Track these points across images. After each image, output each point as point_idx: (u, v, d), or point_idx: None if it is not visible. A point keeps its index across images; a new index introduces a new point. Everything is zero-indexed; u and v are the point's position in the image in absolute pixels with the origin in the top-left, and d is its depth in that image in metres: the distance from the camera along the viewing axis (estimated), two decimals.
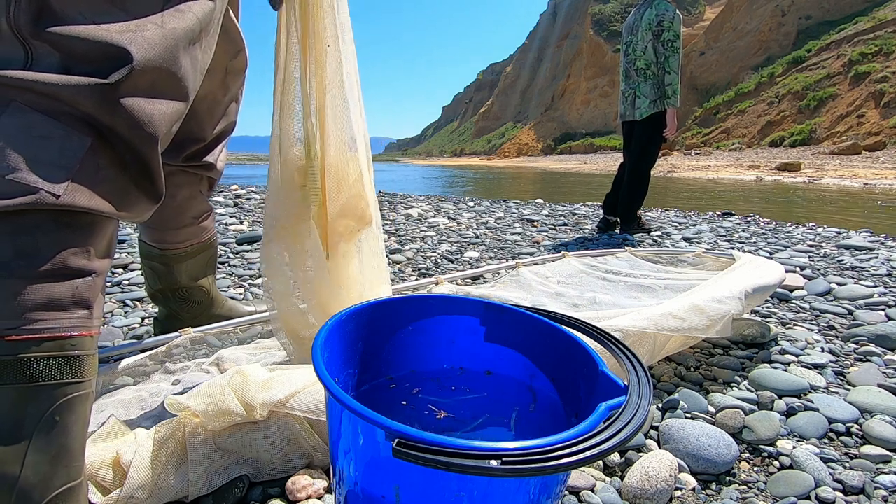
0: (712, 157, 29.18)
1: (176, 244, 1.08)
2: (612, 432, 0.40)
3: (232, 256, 2.20)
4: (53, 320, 0.47)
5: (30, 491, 0.45)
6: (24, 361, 0.45)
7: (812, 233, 3.32)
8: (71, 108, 0.48)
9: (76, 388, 0.49)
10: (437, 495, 0.42)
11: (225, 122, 1.01)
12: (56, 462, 0.47)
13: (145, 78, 0.52)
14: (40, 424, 0.46)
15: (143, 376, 0.98)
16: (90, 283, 0.51)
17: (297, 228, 0.87)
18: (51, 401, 0.47)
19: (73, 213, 0.48)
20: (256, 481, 0.71)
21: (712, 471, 0.79)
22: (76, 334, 0.49)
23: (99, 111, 0.49)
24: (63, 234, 0.48)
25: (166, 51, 0.54)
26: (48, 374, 0.47)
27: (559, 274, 1.73)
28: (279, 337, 0.94)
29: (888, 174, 13.10)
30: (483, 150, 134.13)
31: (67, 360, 0.48)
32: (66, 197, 0.47)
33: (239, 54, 0.94)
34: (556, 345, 0.62)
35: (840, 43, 43.40)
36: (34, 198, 0.45)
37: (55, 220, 0.47)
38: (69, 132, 0.48)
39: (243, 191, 5.15)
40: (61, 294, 0.48)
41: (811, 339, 1.34)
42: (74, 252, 0.49)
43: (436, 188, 10.97)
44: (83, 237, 0.50)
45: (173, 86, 0.56)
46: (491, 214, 4.00)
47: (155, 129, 0.54)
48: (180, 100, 0.58)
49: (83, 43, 0.48)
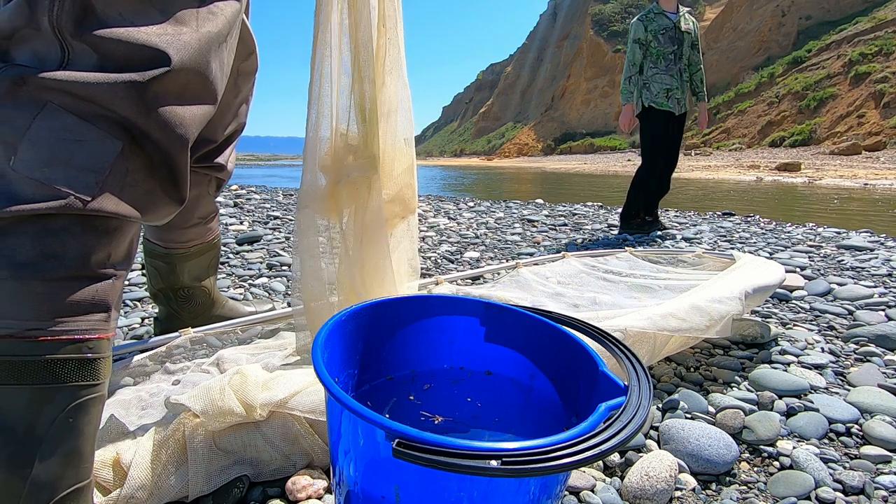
0: (712, 157, 29.19)
1: (181, 243, 1.08)
2: (612, 432, 0.40)
3: (232, 256, 2.20)
4: (74, 323, 0.47)
5: (40, 490, 0.46)
6: (45, 362, 0.45)
7: (812, 233, 3.32)
8: (106, 111, 0.47)
9: (90, 391, 0.49)
10: (437, 496, 0.42)
11: (235, 123, 1.01)
12: (67, 463, 0.48)
13: (179, 80, 0.52)
14: (54, 425, 0.46)
15: (143, 376, 0.98)
16: (110, 286, 0.51)
17: (334, 203, 0.89)
18: (66, 402, 0.47)
19: (100, 217, 0.48)
20: (256, 481, 0.71)
21: (712, 471, 0.79)
22: (94, 337, 0.49)
23: (133, 113, 0.49)
24: (88, 237, 0.48)
25: (200, 54, 0.54)
26: (65, 376, 0.47)
27: (559, 274, 1.73)
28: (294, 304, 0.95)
29: (888, 174, 13.10)
30: (483, 150, 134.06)
31: (84, 362, 0.48)
32: (95, 203, 0.47)
33: (250, 56, 0.94)
34: (556, 345, 0.62)
35: (840, 43, 43.40)
36: (63, 202, 0.45)
37: (81, 223, 0.47)
38: (102, 136, 0.48)
39: (243, 191, 5.16)
40: (83, 297, 0.48)
41: (811, 339, 1.34)
42: (97, 255, 0.49)
43: (436, 188, 10.97)
44: (106, 240, 0.50)
45: (204, 88, 0.57)
46: (491, 214, 4.00)
47: (186, 131, 0.54)
48: (210, 103, 0.58)
49: (122, 45, 0.48)
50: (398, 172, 0.93)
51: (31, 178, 0.44)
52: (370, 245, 0.89)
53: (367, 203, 0.88)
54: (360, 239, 0.89)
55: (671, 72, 3.12)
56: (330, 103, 0.84)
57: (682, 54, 3.14)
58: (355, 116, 0.85)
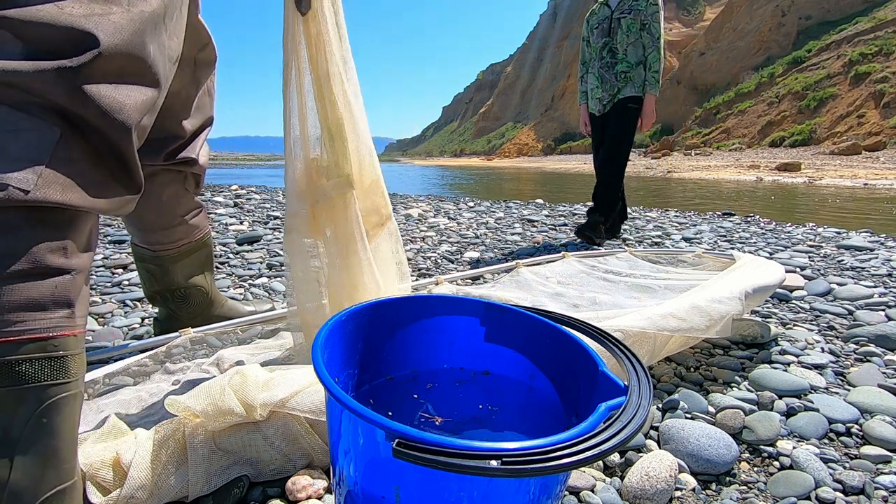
0: (712, 157, 29.17)
1: (168, 244, 1.07)
2: (612, 433, 0.40)
3: (232, 256, 2.20)
4: (33, 321, 0.46)
5: (20, 494, 0.45)
6: (7, 364, 0.44)
7: (812, 233, 3.32)
8: (38, 99, 0.46)
9: (62, 389, 0.48)
10: (437, 495, 0.42)
11: (201, 116, 1.00)
12: (45, 464, 0.47)
13: (114, 64, 0.50)
14: (27, 427, 0.45)
15: (143, 376, 0.98)
16: (70, 281, 0.49)
17: (315, 224, 0.95)
18: (37, 403, 0.46)
19: (47, 209, 0.47)
20: (256, 481, 0.71)
21: (712, 471, 0.79)
22: (58, 335, 0.48)
23: (67, 100, 0.47)
24: (37, 231, 0.46)
25: (134, 35, 0.52)
26: (32, 376, 0.46)
27: (559, 274, 1.73)
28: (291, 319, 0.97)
29: (888, 174, 13.10)
30: (483, 150, 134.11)
31: (51, 360, 0.47)
32: (37, 192, 0.45)
33: (206, 47, 0.94)
34: (556, 345, 0.62)
35: (840, 43, 43.39)
36: (2, 194, 0.43)
37: (27, 217, 0.45)
38: (37, 124, 0.46)
39: (243, 191, 5.15)
40: (40, 294, 0.47)
41: (811, 339, 1.34)
42: (51, 250, 0.47)
43: (436, 188, 10.97)
44: (59, 234, 0.48)
45: (143, 72, 0.54)
46: (491, 214, 4.00)
47: (127, 116, 0.52)
48: (151, 86, 0.56)
49: (46, 28, 0.45)
50: (368, 184, 0.99)
51: None
52: (353, 257, 0.94)
53: (345, 217, 0.94)
54: (342, 252, 0.94)
55: (595, 70, 2.85)
56: (301, 133, 0.90)
57: (614, 46, 2.76)
58: (325, 141, 0.91)
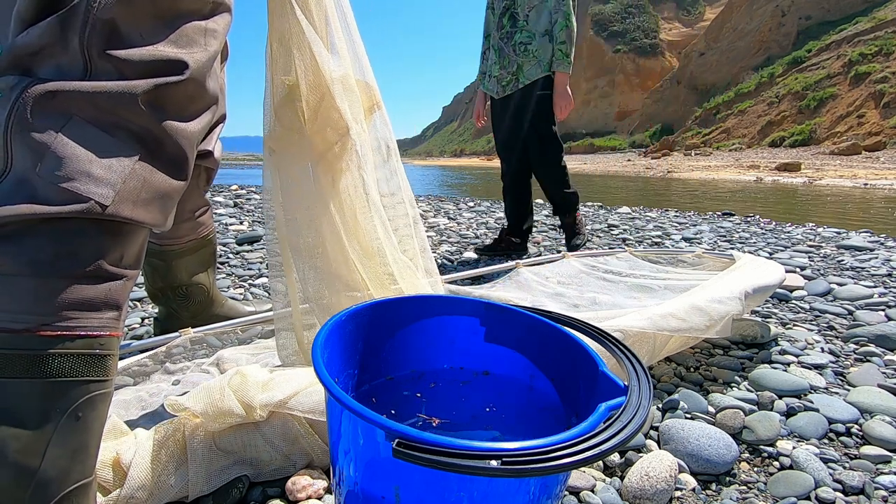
0: (712, 157, 29.18)
1: (175, 240, 1.10)
2: (612, 433, 0.40)
3: (232, 256, 2.20)
4: (87, 319, 0.50)
5: (47, 484, 0.47)
6: (56, 356, 0.47)
7: (812, 233, 3.32)
8: (125, 122, 0.52)
9: (99, 387, 0.51)
10: (437, 495, 0.42)
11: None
12: (74, 458, 0.49)
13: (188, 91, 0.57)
14: (64, 419, 0.48)
15: (143, 376, 0.98)
16: (121, 287, 0.54)
17: None
18: (76, 397, 0.49)
19: (115, 222, 0.52)
20: (256, 481, 0.71)
21: (712, 471, 0.79)
22: (106, 334, 0.52)
23: (148, 123, 0.53)
24: (104, 240, 0.51)
25: (207, 67, 0.59)
26: (76, 371, 0.49)
27: (559, 274, 1.73)
28: (281, 339, 0.95)
29: (888, 174, 13.10)
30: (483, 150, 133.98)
31: (95, 358, 0.50)
32: (112, 208, 0.50)
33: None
34: (556, 345, 0.62)
35: (840, 43, 43.38)
36: (85, 206, 0.48)
37: (98, 227, 0.51)
38: (121, 147, 0.52)
39: (243, 191, 5.15)
40: (95, 295, 0.51)
41: (811, 339, 1.34)
42: (110, 257, 0.52)
43: (436, 188, 10.96)
44: (120, 244, 0.53)
45: (206, 101, 0.61)
46: (491, 214, 4.00)
47: (192, 143, 0.59)
48: (209, 111, 0.63)
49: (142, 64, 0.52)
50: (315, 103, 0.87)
51: (54, 184, 0.47)
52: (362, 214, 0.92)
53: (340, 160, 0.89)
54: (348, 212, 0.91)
55: (494, 42, 2.33)
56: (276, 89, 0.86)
57: (515, 11, 2.23)
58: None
